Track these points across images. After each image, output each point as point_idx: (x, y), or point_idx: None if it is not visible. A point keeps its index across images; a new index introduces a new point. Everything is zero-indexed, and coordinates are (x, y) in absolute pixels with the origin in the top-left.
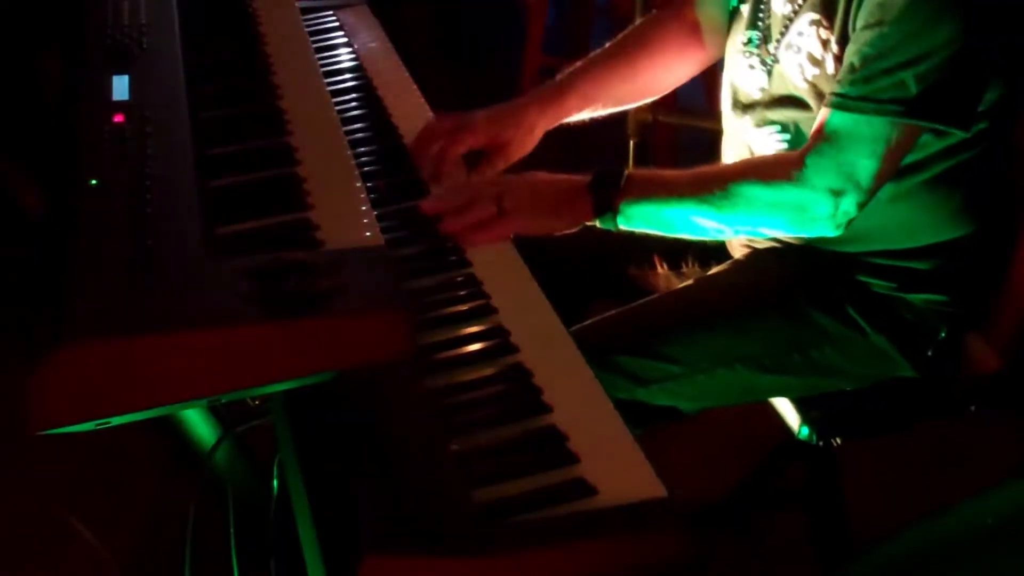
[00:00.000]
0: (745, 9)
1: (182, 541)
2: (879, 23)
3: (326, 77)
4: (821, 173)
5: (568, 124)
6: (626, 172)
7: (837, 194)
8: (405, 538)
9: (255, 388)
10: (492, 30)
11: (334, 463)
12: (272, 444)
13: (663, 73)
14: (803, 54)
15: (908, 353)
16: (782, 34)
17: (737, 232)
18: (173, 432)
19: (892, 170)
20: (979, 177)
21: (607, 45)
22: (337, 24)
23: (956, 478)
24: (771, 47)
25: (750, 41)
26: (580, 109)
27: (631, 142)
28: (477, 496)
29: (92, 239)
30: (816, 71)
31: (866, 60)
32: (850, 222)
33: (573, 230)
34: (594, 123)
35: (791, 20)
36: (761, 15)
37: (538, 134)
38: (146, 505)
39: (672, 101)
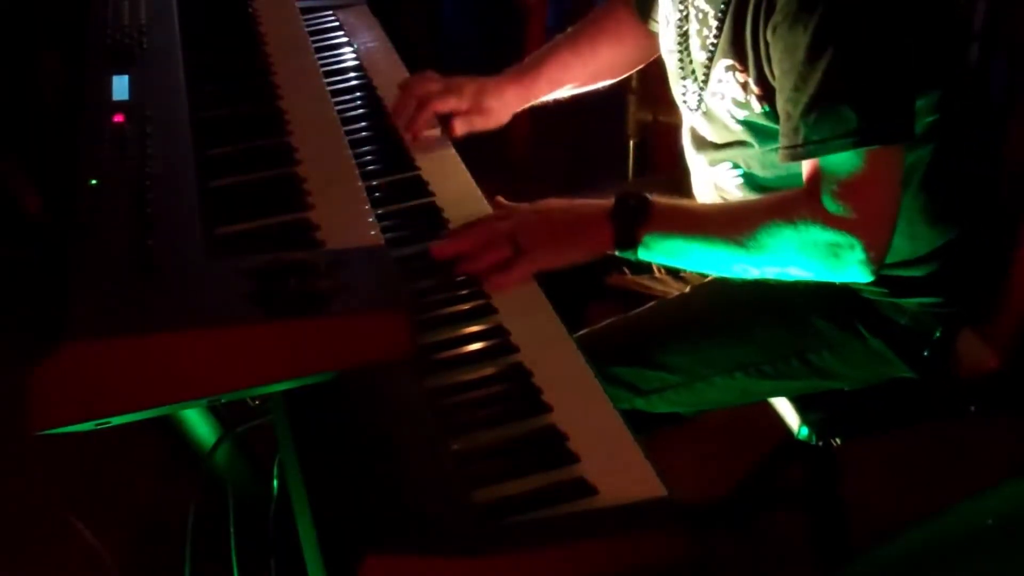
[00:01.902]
0: (671, 61)
1: (182, 541)
2: (792, 68)
3: (326, 77)
4: (840, 212)
5: (568, 125)
6: (650, 201)
7: (865, 234)
8: (405, 538)
9: (255, 388)
10: (492, 30)
11: (334, 463)
12: (272, 444)
13: (622, 57)
14: (728, 100)
15: (905, 355)
16: (704, 81)
17: (764, 273)
18: (173, 432)
19: (897, 192)
20: (938, 179)
21: (568, 30)
22: (337, 24)
23: (956, 478)
24: (701, 93)
25: (685, 91)
26: (548, 92)
27: (631, 142)
28: (477, 496)
29: (92, 239)
30: (745, 112)
31: (797, 104)
32: (882, 261)
33: (588, 260)
34: (594, 123)
35: (708, 67)
36: (683, 65)
37: (512, 110)
38: (146, 505)
39: (672, 101)
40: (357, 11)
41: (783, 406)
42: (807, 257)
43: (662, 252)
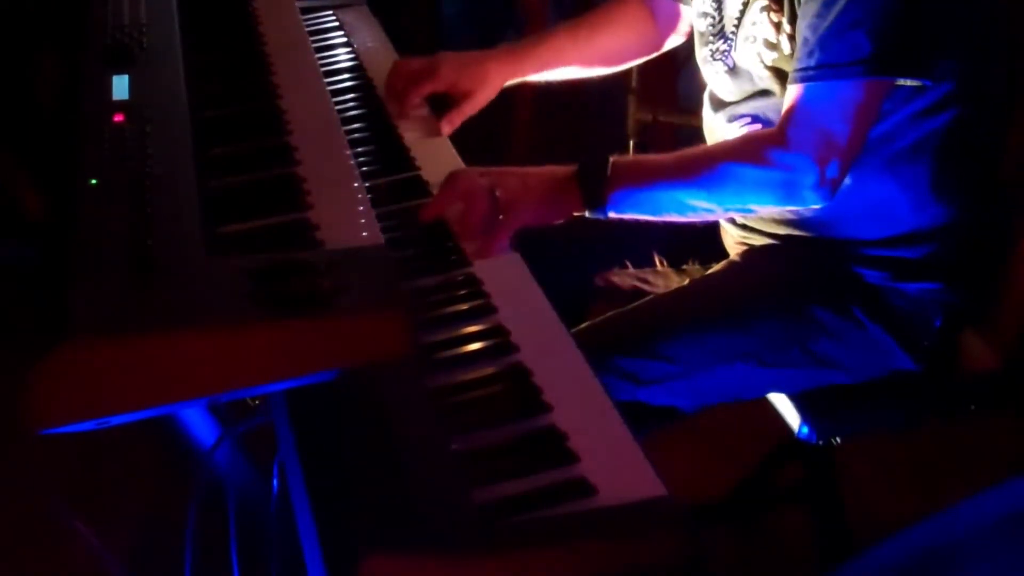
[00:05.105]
0: (701, 23)
1: (182, 541)
2: None
3: (326, 77)
4: (801, 143)
5: (568, 125)
6: (611, 160)
7: (821, 161)
8: (405, 538)
9: (255, 388)
10: (492, 30)
11: (334, 462)
12: (272, 444)
13: (619, 49)
14: (759, 42)
15: (905, 344)
16: (736, 28)
17: (727, 210)
18: (173, 432)
19: (867, 129)
20: (951, 152)
21: (575, 19)
22: (337, 24)
23: (956, 478)
24: (730, 47)
25: (713, 52)
26: (537, 71)
27: (631, 142)
28: (477, 496)
29: (92, 239)
30: (774, 55)
31: (816, 30)
32: (836, 187)
33: (564, 220)
34: (594, 123)
35: (743, 13)
36: (714, 24)
37: (497, 87)
38: (146, 505)
39: (672, 101)
40: (357, 11)
41: (783, 405)
42: (764, 188)
43: (631, 206)
